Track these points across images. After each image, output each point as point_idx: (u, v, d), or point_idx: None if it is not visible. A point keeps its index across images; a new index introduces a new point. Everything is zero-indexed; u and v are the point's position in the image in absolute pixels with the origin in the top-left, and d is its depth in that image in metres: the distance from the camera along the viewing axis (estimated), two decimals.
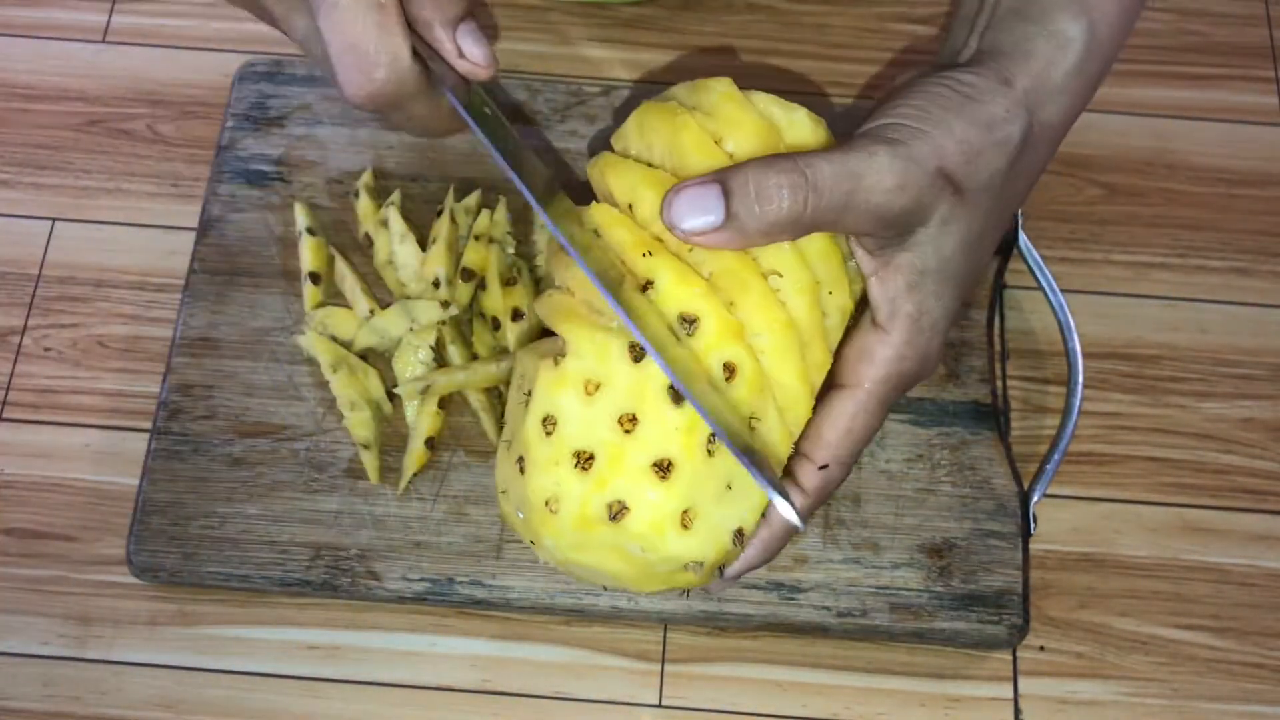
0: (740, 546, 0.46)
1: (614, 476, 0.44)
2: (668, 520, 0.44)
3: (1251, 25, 0.74)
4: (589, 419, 0.44)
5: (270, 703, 0.58)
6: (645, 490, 0.44)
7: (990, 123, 0.44)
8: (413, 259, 0.61)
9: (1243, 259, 0.68)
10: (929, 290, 0.44)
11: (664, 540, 0.44)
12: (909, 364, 0.45)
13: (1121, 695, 0.59)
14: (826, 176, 0.42)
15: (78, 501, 0.61)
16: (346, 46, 0.41)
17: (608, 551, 0.46)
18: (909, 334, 0.45)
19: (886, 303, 0.45)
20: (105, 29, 0.73)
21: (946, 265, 0.44)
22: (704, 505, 0.45)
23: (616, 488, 0.44)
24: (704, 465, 0.44)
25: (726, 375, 0.44)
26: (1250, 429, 0.64)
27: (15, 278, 0.66)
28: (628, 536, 0.45)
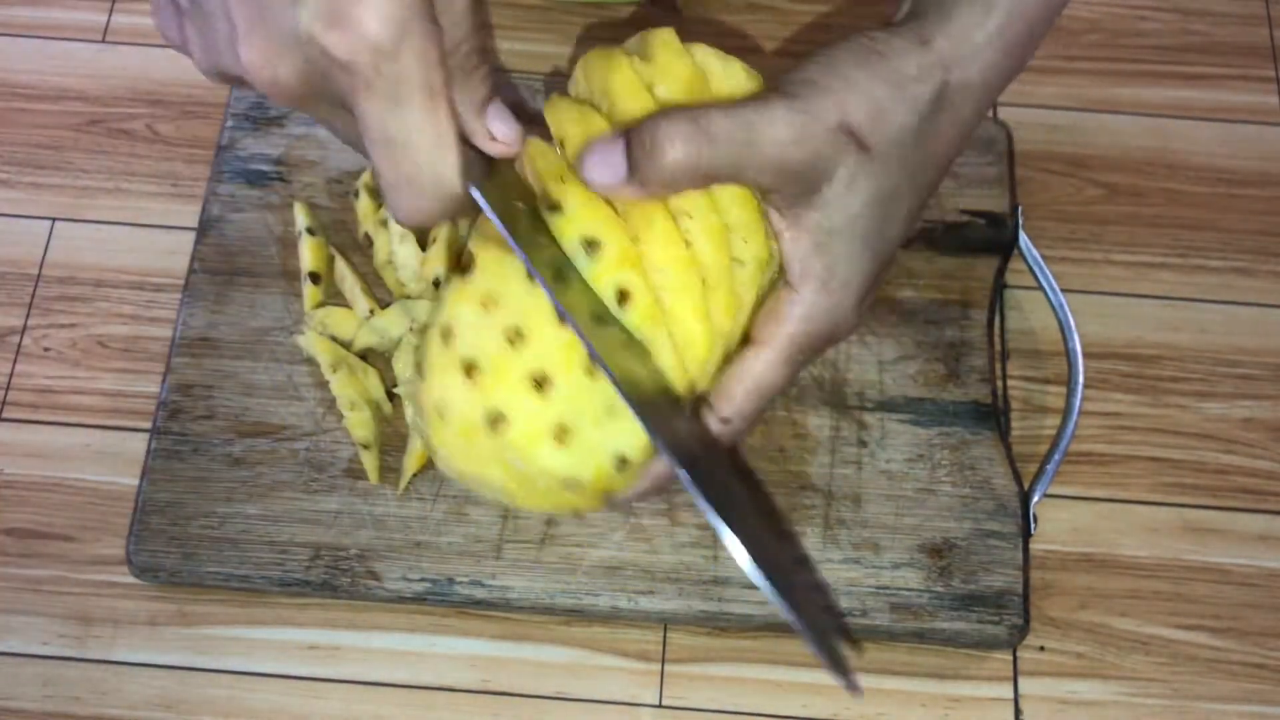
0: (624, 475, 0.46)
1: (495, 387, 0.45)
2: (542, 433, 0.45)
3: (1252, 25, 0.74)
4: (480, 331, 0.45)
5: (270, 703, 0.58)
6: (522, 401, 0.45)
7: (900, 80, 0.44)
8: (413, 259, 0.61)
9: (1243, 259, 0.68)
10: (838, 251, 0.44)
11: (538, 452, 0.45)
12: (818, 324, 0.45)
13: (1122, 695, 0.59)
14: (721, 127, 0.42)
15: (77, 501, 0.61)
16: (403, 180, 0.40)
17: (491, 462, 0.46)
18: (817, 294, 0.44)
19: (797, 262, 0.44)
20: (105, 29, 0.73)
21: (855, 224, 0.44)
22: (580, 424, 0.45)
23: (496, 398, 0.45)
24: (583, 385, 0.45)
25: (619, 300, 0.45)
26: (1251, 429, 0.64)
27: (15, 277, 0.66)
28: (505, 446, 0.45)
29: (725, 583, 0.57)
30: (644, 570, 0.57)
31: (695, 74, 0.48)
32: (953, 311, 0.63)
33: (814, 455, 0.60)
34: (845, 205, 0.44)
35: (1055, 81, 0.72)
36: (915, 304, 0.63)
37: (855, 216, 0.44)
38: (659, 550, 0.58)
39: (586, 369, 0.45)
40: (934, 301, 0.63)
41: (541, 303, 0.45)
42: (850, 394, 0.61)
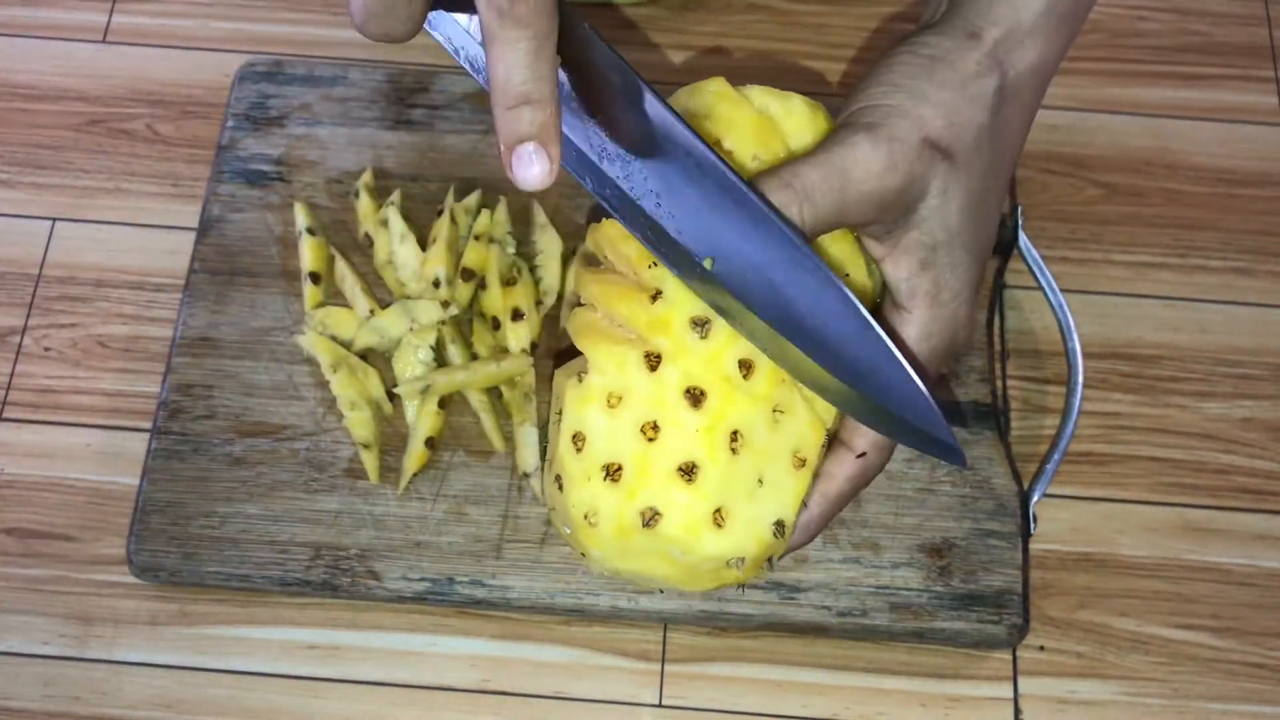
0: (783, 538, 0.47)
1: (643, 485, 0.45)
2: (700, 522, 0.45)
3: (1251, 25, 0.74)
4: (613, 431, 0.45)
5: (270, 702, 0.58)
6: (674, 494, 0.45)
7: (963, 81, 0.43)
8: (413, 259, 0.61)
9: (1243, 259, 0.68)
10: (943, 263, 0.44)
11: (700, 541, 0.45)
12: (937, 339, 0.45)
13: (1121, 695, 0.59)
14: (816, 182, 0.42)
15: (78, 501, 0.61)
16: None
17: (650, 557, 0.47)
18: (931, 310, 0.45)
19: (903, 283, 0.45)
20: (105, 29, 0.73)
21: (955, 234, 0.44)
22: (735, 503, 0.45)
23: (647, 495, 0.45)
24: (729, 464, 0.45)
25: (744, 373, 0.45)
26: (1250, 429, 0.64)
27: (15, 278, 0.66)
28: (665, 541, 0.46)
29: None
30: None
31: (759, 120, 0.47)
32: None
33: None
34: (943, 217, 0.44)
35: (1055, 81, 0.71)
36: None
37: (955, 228, 0.44)
38: None
39: (729, 447, 0.45)
40: None
41: (668, 390, 0.45)
42: None
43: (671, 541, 0.45)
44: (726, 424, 0.45)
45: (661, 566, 0.47)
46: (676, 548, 0.46)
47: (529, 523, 0.58)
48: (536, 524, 0.58)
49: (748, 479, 0.45)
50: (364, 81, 0.67)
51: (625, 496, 0.45)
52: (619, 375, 0.45)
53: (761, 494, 0.46)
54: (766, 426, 0.45)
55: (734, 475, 0.45)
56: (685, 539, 0.45)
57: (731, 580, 0.48)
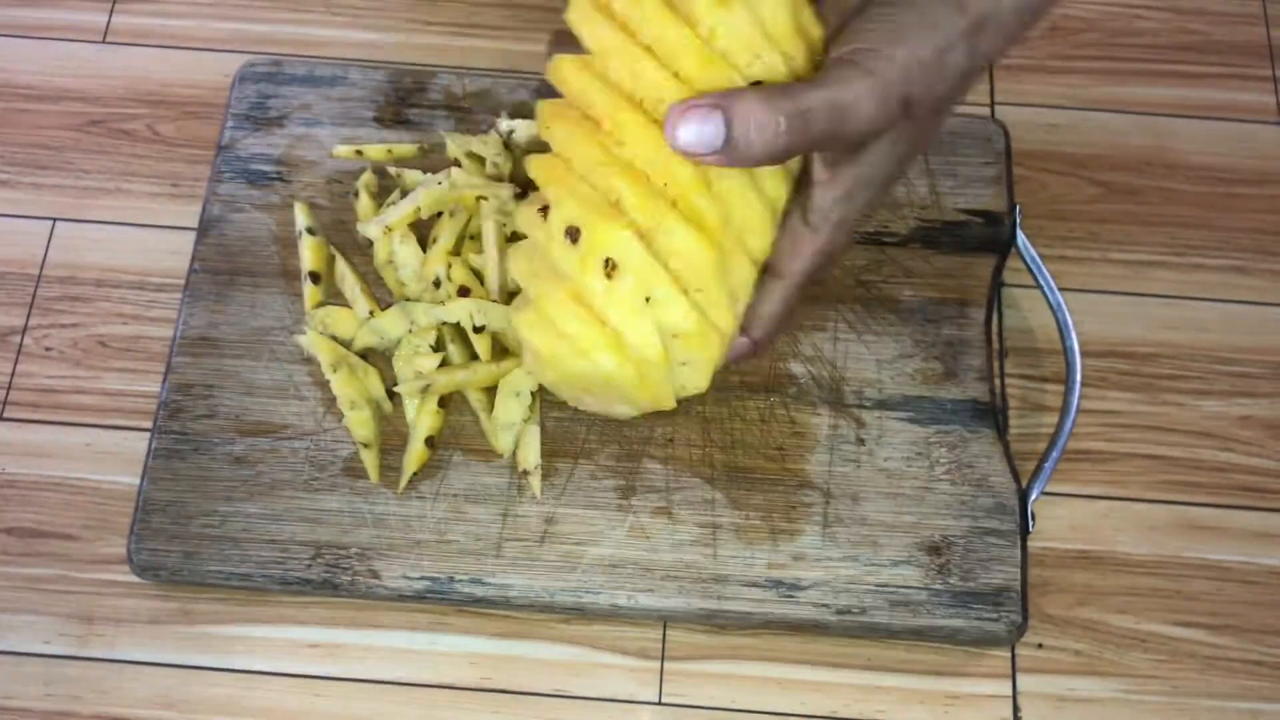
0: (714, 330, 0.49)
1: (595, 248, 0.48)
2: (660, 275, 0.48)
3: (1249, 24, 0.74)
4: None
5: (271, 701, 0.58)
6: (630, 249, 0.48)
7: (942, 50, 0.45)
8: (413, 259, 0.62)
9: (1241, 257, 0.68)
10: (861, 198, 0.48)
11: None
12: (828, 258, 0.50)
13: (1120, 693, 0.59)
14: (818, 111, 0.44)
15: (79, 500, 0.61)
16: None
17: (602, 349, 0.49)
18: (833, 235, 0.49)
19: (821, 208, 0.48)
20: (105, 29, 0.73)
21: (884, 179, 0.48)
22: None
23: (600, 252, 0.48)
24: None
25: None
26: (1248, 427, 0.64)
27: (16, 278, 0.66)
28: (615, 304, 0.48)
29: (725, 580, 0.57)
30: (644, 568, 0.58)
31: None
32: (951, 310, 0.63)
33: (812, 453, 0.60)
34: (882, 161, 0.47)
35: (1053, 81, 0.73)
36: (913, 303, 0.63)
37: (886, 172, 0.48)
38: (658, 548, 0.58)
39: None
40: (932, 300, 0.63)
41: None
42: (849, 392, 0.61)
43: (621, 300, 0.48)
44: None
45: (611, 360, 0.49)
46: (624, 308, 0.48)
47: (529, 521, 0.58)
48: (536, 522, 0.58)
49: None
50: (364, 81, 0.67)
51: (579, 257, 0.48)
52: (530, 233, 0.49)
53: (654, 307, 0.48)
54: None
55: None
56: (635, 294, 0.48)
57: (663, 380, 0.50)
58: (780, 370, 0.62)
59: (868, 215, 0.50)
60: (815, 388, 0.61)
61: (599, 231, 0.47)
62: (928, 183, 0.66)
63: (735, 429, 0.60)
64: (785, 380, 0.61)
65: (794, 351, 0.62)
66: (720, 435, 0.60)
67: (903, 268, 0.64)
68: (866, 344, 0.62)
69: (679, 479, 0.59)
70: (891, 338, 0.62)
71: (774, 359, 0.62)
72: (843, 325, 0.63)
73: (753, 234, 0.49)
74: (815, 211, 0.48)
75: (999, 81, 0.72)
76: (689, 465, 0.60)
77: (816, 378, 0.62)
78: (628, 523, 0.58)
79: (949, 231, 0.65)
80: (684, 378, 0.51)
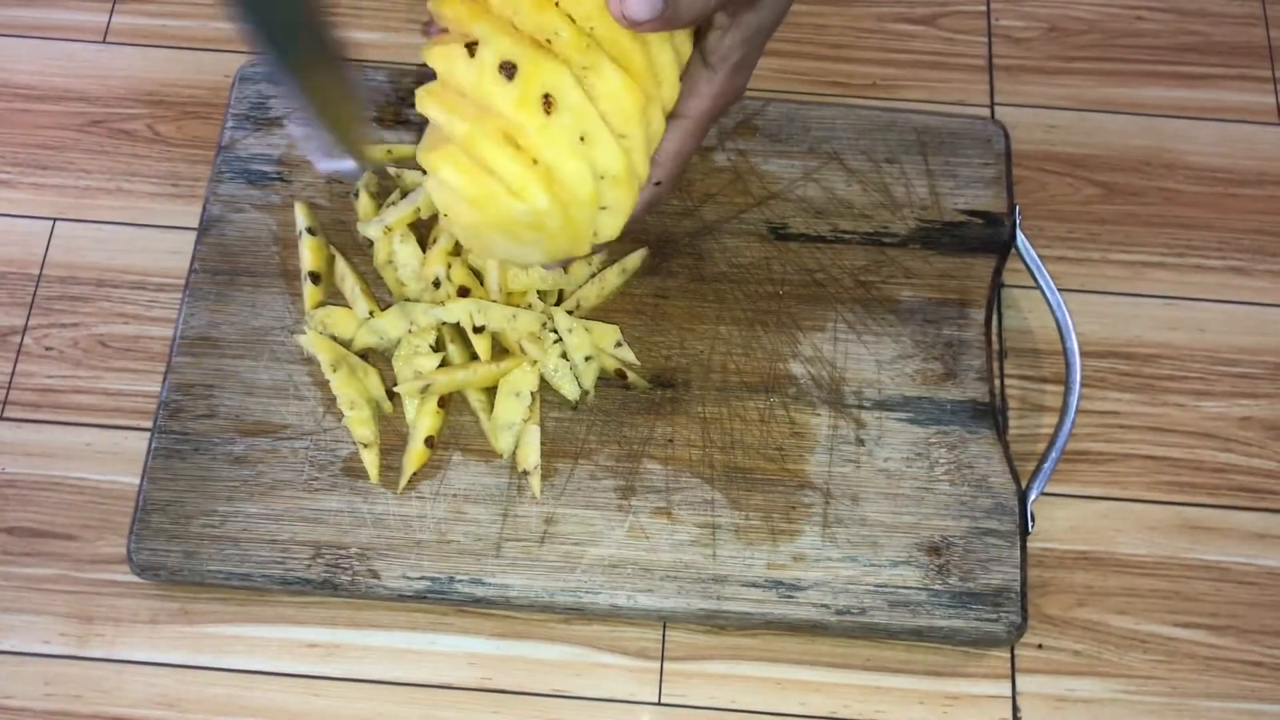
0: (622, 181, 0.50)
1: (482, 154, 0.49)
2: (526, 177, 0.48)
3: (1249, 25, 0.74)
4: (451, 109, 0.49)
5: (271, 701, 0.58)
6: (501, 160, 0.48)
7: None
8: (413, 259, 0.62)
9: (1240, 258, 0.68)
10: (755, 43, 0.51)
11: (531, 195, 0.48)
12: (726, 98, 0.52)
13: (1119, 693, 0.59)
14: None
15: (79, 500, 0.61)
16: None
17: (532, 185, 0.48)
18: (730, 76, 0.51)
19: (721, 49, 0.50)
20: (106, 30, 0.73)
21: (773, 23, 0.51)
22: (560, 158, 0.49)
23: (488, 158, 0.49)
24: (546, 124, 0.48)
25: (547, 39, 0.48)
26: (1248, 427, 0.64)
27: (16, 277, 0.66)
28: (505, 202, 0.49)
29: (724, 580, 0.57)
30: (643, 568, 0.58)
31: None
32: (950, 311, 0.63)
33: (812, 454, 0.60)
34: (775, 6, 0.50)
35: (1053, 81, 0.73)
36: (913, 303, 0.63)
37: (773, 18, 0.50)
38: (658, 548, 0.58)
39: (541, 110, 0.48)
40: (932, 301, 0.63)
41: (485, 69, 0.47)
42: (848, 393, 0.61)
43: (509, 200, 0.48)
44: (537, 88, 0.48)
45: (540, 193, 0.49)
46: (517, 205, 0.49)
47: (528, 521, 0.58)
48: (536, 522, 0.58)
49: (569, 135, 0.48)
50: (364, 82, 0.67)
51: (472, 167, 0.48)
52: (450, 71, 0.48)
53: (588, 145, 0.49)
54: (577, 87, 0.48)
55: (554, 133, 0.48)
56: (518, 196, 0.48)
57: (588, 215, 0.50)
58: (780, 370, 0.62)
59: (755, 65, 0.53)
60: (815, 388, 0.61)
61: (538, 68, 0.47)
62: (928, 183, 0.66)
63: (735, 429, 0.60)
64: (785, 380, 0.62)
65: (794, 352, 0.62)
66: (720, 435, 0.60)
67: (903, 268, 0.64)
68: (866, 344, 0.62)
69: (679, 479, 0.59)
70: (891, 338, 0.63)
71: (774, 359, 0.62)
72: (843, 325, 0.63)
73: (666, 84, 0.50)
74: (714, 53, 0.51)
75: (999, 82, 0.72)
76: (689, 465, 0.60)
77: (816, 378, 0.62)
78: (627, 523, 0.58)
79: (949, 232, 0.65)
80: (601, 223, 0.52)
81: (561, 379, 0.60)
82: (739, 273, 0.64)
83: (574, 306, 0.62)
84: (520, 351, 0.60)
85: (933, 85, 0.72)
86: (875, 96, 0.72)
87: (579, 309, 0.62)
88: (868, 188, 0.66)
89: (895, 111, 0.68)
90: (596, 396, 0.61)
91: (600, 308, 0.63)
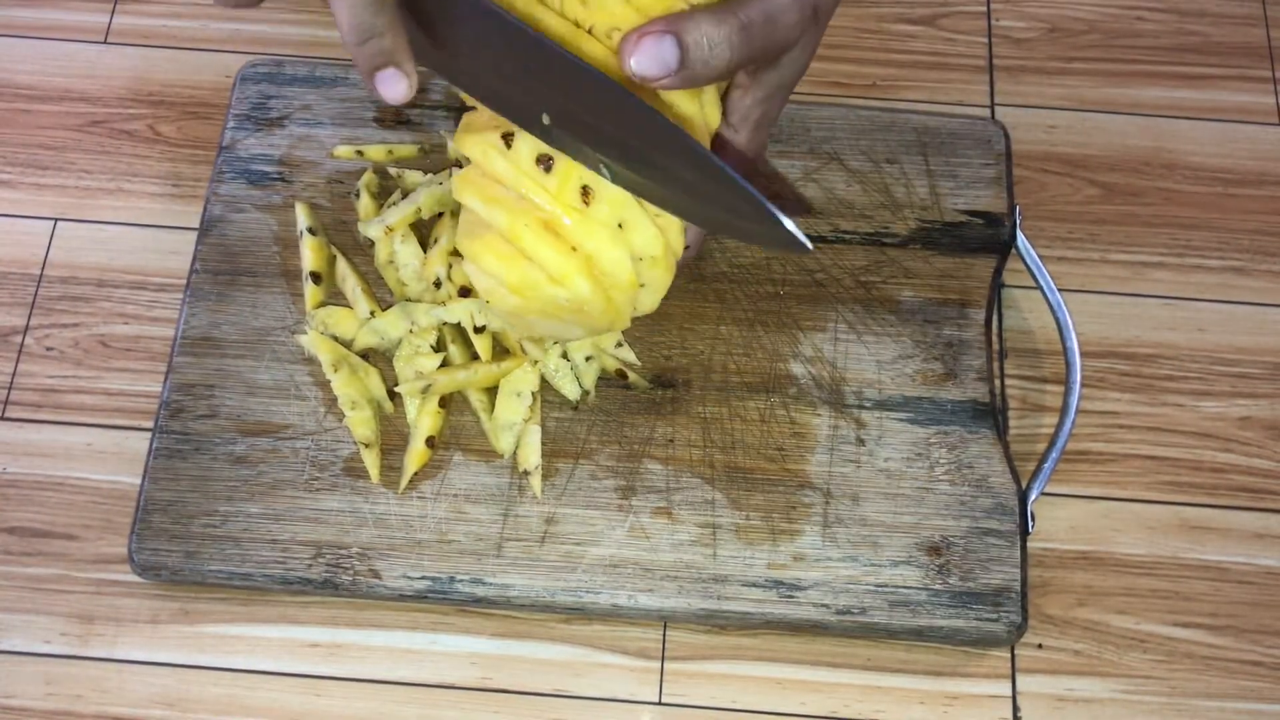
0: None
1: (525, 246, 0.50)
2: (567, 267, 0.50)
3: (1249, 25, 0.74)
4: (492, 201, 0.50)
5: (272, 700, 0.58)
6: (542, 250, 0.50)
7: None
8: (414, 259, 0.62)
9: (1240, 258, 0.68)
10: (776, 100, 0.52)
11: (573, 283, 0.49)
12: (748, 158, 0.53)
13: (1119, 693, 0.59)
14: (757, 24, 0.47)
15: (80, 500, 0.62)
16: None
17: (574, 276, 0.49)
18: (754, 134, 0.53)
19: (743, 109, 0.52)
20: (107, 30, 0.73)
21: (790, 80, 0.51)
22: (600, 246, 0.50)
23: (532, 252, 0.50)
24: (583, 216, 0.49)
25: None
26: (1248, 427, 0.64)
27: (17, 278, 0.66)
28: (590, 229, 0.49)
29: (725, 580, 0.58)
30: (643, 568, 0.58)
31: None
32: (951, 311, 0.63)
33: (812, 454, 0.60)
34: (795, 66, 0.51)
35: (1053, 82, 0.73)
36: (913, 304, 0.63)
37: (794, 74, 0.51)
38: (659, 548, 0.58)
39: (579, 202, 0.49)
40: (932, 301, 0.63)
41: (522, 161, 0.49)
42: (849, 393, 0.61)
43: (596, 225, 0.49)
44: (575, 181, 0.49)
45: (584, 283, 0.50)
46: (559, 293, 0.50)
47: (529, 521, 0.58)
48: (537, 522, 0.58)
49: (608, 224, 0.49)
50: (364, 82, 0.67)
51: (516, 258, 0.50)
52: (486, 160, 0.50)
53: (626, 231, 0.50)
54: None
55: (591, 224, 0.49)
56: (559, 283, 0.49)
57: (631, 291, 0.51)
58: (780, 370, 0.62)
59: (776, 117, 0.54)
60: (815, 388, 0.61)
61: (574, 161, 0.48)
62: (928, 184, 0.66)
63: (735, 429, 0.61)
64: (785, 380, 0.62)
65: (794, 352, 0.62)
66: (720, 435, 0.60)
67: (903, 268, 0.64)
68: (866, 345, 0.62)
69: (679, 479, 0.59)
70: (891, 338, 0.63)
71: (774, 359, 0.62)
72: (843, 326, 0.63)
73: None
74: (735, 112, 0.52)
75: (999, 83, 0.72)
76: (689, 465, 0.60)
77: (816, 378, 0.62)
78: (628, 523, 0.59)
79: (949, 232, 0.65)
80: (640, 300, 0.53)
81: (562, 379, 0.60)
82: (739, 273, 0.64)
83: None
84: (521, 351, 0.60)
85: (933, 85, 0.72)
86: (875, 97, 0.72)
87: None
88: (868, 188, 0.66)
89: (895, 112, 0.68)
90: (597, 396, 0.61)
91: None
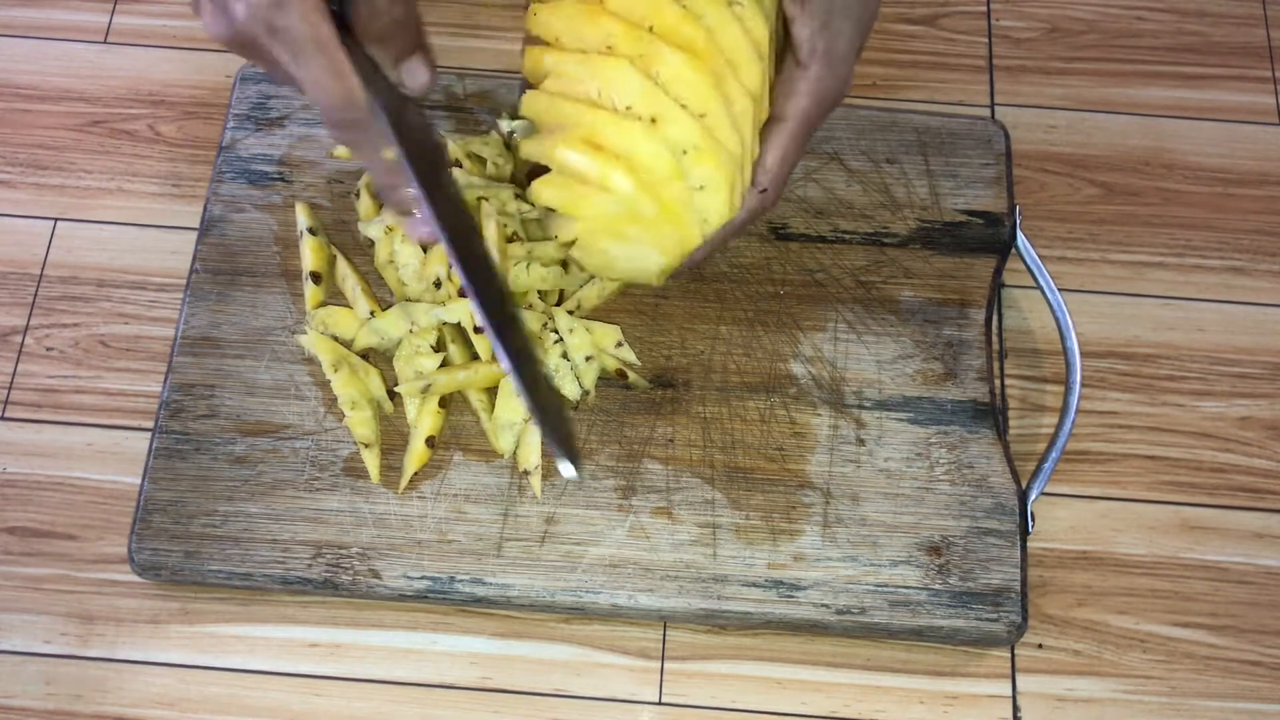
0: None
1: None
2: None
3: (1248, 25, 0.74)
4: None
5: (272, 700, 0.58)
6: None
7: None
8: (414, 259, 0.62)
9: (1240, 258, 0.68)
10: (837, 28, 0.51)
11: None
12: (825, 94, 0.53)
13: (1119, 693, 0.59)
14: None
15: (80, 500, 0.62)
16: (318, 100, 0.47)
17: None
18: (825, 67, 0.52)
19: (806, 42, 0.51)
20: (107, 30, 0.73)
21: (848, 5, 0.51)
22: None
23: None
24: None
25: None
26: (1247, 427, 0.64)
27: (17, 278, 0.66)
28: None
29: (725, 580, 0.58)
30: (643, 568, 0.58)
31: None
32: (951, 311, 0.63)
33: (812, 454, 0.60)
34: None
35: (1053, 82, 0.73)
36: (914, 303, 0.63)
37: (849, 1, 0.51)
38: (658, 548, 0.58)
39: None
40: (932, 301, 0.63)
41: None
42: (849, 393, 0.61)
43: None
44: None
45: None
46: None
47: (529, 521, 0.58)
48: (537, 522, 0.58)
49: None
50: None
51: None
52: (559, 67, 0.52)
53: (660, 125, 0.51)
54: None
55: None
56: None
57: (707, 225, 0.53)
58: (781, 370, 0.62)
59: (860, 50, 0.54)
60: (815, 388, 0.61)
61: (599, 69, 0.51)
62: (928, 184, 0.66)
63: (735, 429, 0.61)
64: (785, 380, 0.62)
65: (794, 352, 0.62)
66: (720, 435, 0.60)
67: (903, 268, 0.64)
68: (866, 344, 0.62)
69: (679, 479, 0.59)
70: (891, 338, 0.63)
71: (774, 359, 0.62)
72: (843, 326, 0.63)
73: (741, 66, 0.52)
74: (800, 47, 0.51)
75: (999, 83, 0.72)
76: (689, 465, 0.60)
77: (816, 378, 0.62)
78: (628, 523, 0.59)
79: (949, 232, 0.65)
80: (702, 204, 0.53)
81: (562, 379, 0.60)
82: (739, 273, 0.64)
83: (575, 307, 0.62)
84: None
85: (933, 85, 0.72)
86: (875, 97, 0.72)
87: (580, 309, 0.62)
88: (868, 188, 0.66)
89: (895, 112, 0.68)
90: (597, 396, 0.61)
91: (601, 308, 0.63)
